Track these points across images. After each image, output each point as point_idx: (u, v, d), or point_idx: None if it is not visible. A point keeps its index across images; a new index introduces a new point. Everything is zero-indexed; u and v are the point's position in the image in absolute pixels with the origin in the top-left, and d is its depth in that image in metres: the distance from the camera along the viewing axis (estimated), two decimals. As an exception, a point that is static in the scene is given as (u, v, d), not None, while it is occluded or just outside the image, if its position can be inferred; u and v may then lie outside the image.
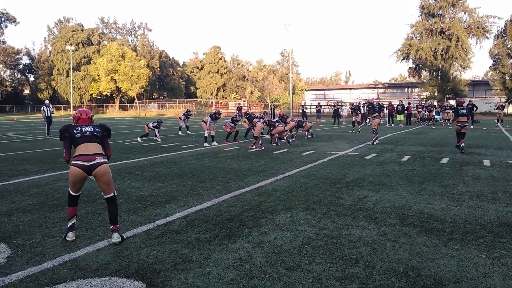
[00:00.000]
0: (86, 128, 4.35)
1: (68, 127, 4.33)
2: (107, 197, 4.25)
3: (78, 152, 4.20)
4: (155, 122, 16.40)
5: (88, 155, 4.16)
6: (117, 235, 4.14)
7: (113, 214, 4.21)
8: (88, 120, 4.51)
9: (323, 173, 8.26)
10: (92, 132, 4.33)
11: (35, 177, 7.91)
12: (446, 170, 8.62)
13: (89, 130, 4.34)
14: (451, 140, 15.96)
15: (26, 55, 77.05)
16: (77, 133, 4.27)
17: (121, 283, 3.21)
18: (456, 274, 3.35)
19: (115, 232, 4.14)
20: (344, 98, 55.05)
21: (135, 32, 78.08)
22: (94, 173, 4.15)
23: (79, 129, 4.32)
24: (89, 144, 4.25)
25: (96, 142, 4.31)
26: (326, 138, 17.15)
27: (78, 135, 4.27)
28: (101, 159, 4.20)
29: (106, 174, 4.18)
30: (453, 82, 45.10)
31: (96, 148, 4.26)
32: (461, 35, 43.85)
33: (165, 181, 7.47)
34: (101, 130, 4.43)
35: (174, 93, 77.32)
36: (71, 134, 4.28)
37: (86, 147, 4.22)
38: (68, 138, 4.28)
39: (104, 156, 4.29)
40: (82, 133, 4.29)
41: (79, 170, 4.11)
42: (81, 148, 4.21)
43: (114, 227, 4.16)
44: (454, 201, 5.83)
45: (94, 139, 4.31)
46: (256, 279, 3.27)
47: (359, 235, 4.34)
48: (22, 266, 3.55)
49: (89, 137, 4.29)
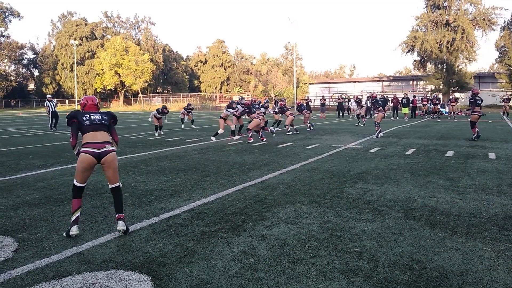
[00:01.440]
0: (95, 116, 4.41)
1: (77, 114, 4.38)
2: (112, 187, 4.33)
3: (87, 140, 4.27)
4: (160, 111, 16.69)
5: (97, 143, 4.24)
6: (122, 223, 4.22)
7: (119, 203, 4.31)
8: (94, 106, 4.56)
9: (327, 166, 8.25)
10: (100, 121, 4.40)
11: (40, 171, 7.96)
12: (451, 163, 8.59)
13: (98, 118, 4.40)
14: (456, 133, 15.88)
15: (30, 50, 77.35)
16: (85, 121, 4.32)
17: (126, 276, 3.23)
18: (461, 267, 3.34)
19: (121, 220, 4.23)
20: (349, 91, 54.83)
21: (138, 26, 78.06)
22: (103, 161, 4.22)
23: (88, 116, 4.37)
24: (97, 133, 4.31)
25: (104, 130, 4.39)
26: (330, 131, 17.12)
27: (87, 122, 4.32)
28: (110, 147, 4.30)
29: (114, 162, 4.28)
30: (458, 74, 44.77)
31: (104, 137, 4.34)
32: (467, 27, 43.44)
33: (170, 175, 7.50)
34: (108, 118, 4.50)
35: (178, 87, 77.34)
36: (80, 121, 4.33)
37: (95, 135, 4.29)
38: (76, 124, 4.34)
39: (112, 144, 4.38)
40: (91, 121, 4.35)
41: (90, 157, 4.18)
42: (89, 136, 4.28)
43: (119, 215, 4.26)
44: (459, 194, 5.81)
45: (102, 127, 4.38)
46: (260, 272, 3.28)
47: (364, 228, 4.34)
48: (28, 260, 3.59)
49: (98, 126, 4.36)
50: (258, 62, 76.72)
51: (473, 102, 12.85)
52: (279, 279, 3.16)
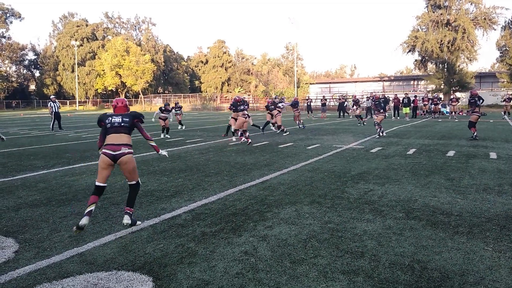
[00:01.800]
0: (116, 119, 4.65)
1: (103, 117, 4.71)
2: (130, 184, 4.65)
3: (106, 142, 4.58)
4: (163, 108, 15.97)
5: (115, 145, 4.49)
6: (128, 217, 4.40)
7: (131, 198, 4.56)
8: (123, 108, 4.82)
9: (328, 166, 8.25)
10: (120, 123, 4.61)
11: (41, 172, 7.97)
12: (452, 163, 8.58)
13: (118, 121, 4.63)
14: (457, 133, 15.86)
15: (31, 51, 77.46)
16: (108, 123, 4.63)
17: (127, 277, 3.24)
18: (462, 267, 3.34)
19: (127, 214, 4.41)
20: (350, 91, 54.78)
21: (139, 27, 78.15)
22: (119, 162, 4.48)
23: (110, 119, 4.66)
24: (117, 135, 4.56)
25: (124, 132, 4.59)
26: (331, 131, 17.11)
27: (109, 125, 4.62)
28: (126, 149, 4.51)
29: (129, 164, 4.51)
30: (459, 74, 44.70)
31: (122, 139, 4.55)
32: (468, 26, 43.38)
33: (171, 175, 7.50)
34: (130, 119, 4.67)
35: (178, 88, 77.36)
36: (105, 123, 4.65)
37: (114, 138, 4.55)
38: (104, 126, 4.67)
39: (129, 146, 4.58)
40: (112, 124, 4.62)
41: (106, 158, 4.47)
42: (109, 138, 4.57)
43: (127, 209, 4.46)
44: (460, 194, 5.81)
45: (122, 130, 4.60)
46: (261, 273, 3.29)
47: (365, 228, 4.34)
48: (30, 260, 3.59)
49: (117, 128, 4.59)
50: (258, 63, 76.73)
51: (473, 103, 13.10)
52: (280, 279, 3.16)
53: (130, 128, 4.66)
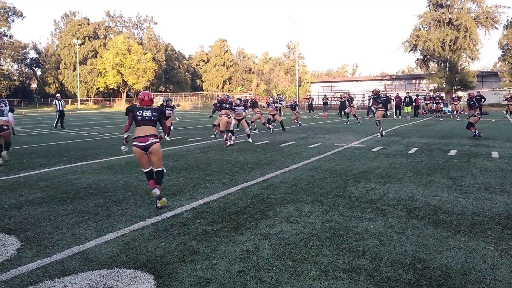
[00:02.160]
0: (147, 113, 5.30)
1: (134, 108, 5.34)
2: (156, 170, 5.32)
3: (136, 134, 5.24)
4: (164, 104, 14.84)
5: (143, 137, 5.19)
6: (158, 190, 5.09)
7: (159, 180, 5.29)
8: (150, 101, 5.46)
9: (329, 165, 8.25)
10: (150, 117, 5.30)
11: (43, 170, 7.98)
12: (454, 162, 8.56)
13: (149, 115, 5.31)
14: (459, 132, 15.83)
15: (33, 49, 77.48)
16: (139, 116, 5.26)
17: (129, 274, 3.25)
18: (464, 266, 3.34)
19: (157, 189, 5.11)
20: (351, 90, 54.69)
21: (140, 26, 78.07)
22: (150, 151, 5.21)
23: (141, 112, 5.29)
24: (146, 127, 5.25)
25: (152, 125, 5.30)
26: (332, 130, 17.10)
27: (139, 118, 5.26)
28: (153, 139, 5.24)
29: (157, 152, 5.27)
30: (461, 73, 44.58)
31: (150, 131, 5.26)
32: (470, 25, 43.26)
33: (172, 174, 7.50)
34: (158, 114, 5.39)
35: (180, 86, 77.36)
36: (134, 115, 5.28)
37: (143, 130, 5.23)
38: (131, 116, 5.31)
39: (156, 136, 5.29)
40: (143, 117, 5.27)
41: (139, 149, 5.22)
42: (139, 130, 5.26)
43: (157, 186, 5.16)
44: (462, 193, 5.80)
45: (150, 123, 5.30)
46: (263, 271, 3.29)
47: (366, 227, 4.34)
48: (32, 258, 3.60)
49: (147, 121, 5.28)
50: (260, 61, 76.73)
51: (472, 105, 13.16)
52: (282, 278, 3.16)
53: (157, 121, 5.35)
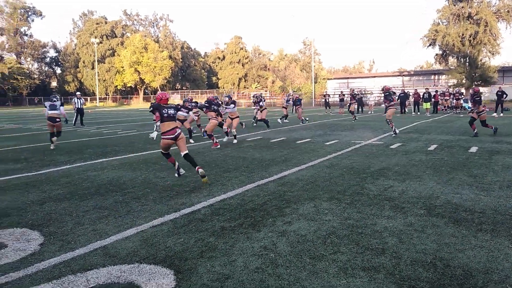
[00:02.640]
0: (171, 111, 6.64)
1: (159, 107, 6.59)
2: (184, 154, 6.56)
3: (164, 129, 6.57)
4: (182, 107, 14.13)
5: (171, 130, 6.57)
6: (202, 170, 6.34)
7: (192, 161, 6.57)
8: (167, 100, 6.77)
9: (347, 162, 8.19)
10: (173, 114, 6.68)
11: (64, 167, 8.15)
12: (475, 159, 8.40)
13: (172, 112, 6.67)
14: (480, 128, 15.50)
15: (52, 48, 79.13)
16: (165, 114, 6.56)
17: (149, 269, 3.29)
18: (486, 265, 3.28)
19: (200, 168, 6.35)
20: (368, 87, 54.11)
21: (157, 24, 78.87)
22: (178, 140, 6.60)
23: (166, 110, 6.59)
24: (171, 122, 6.61)
25: (174, 120, 6.68)
26: (349, 127, 16.96)
27: (166, 115, 6.56)
28: (178, 130, 6.66)
29: (183, 138, 6.69)
30: (481, 68, 43.57)
31: (174, 124, 6.66)
32: (490, 19, 42.20)
33: (190, 171, 7.56)
34: (176, 111, 6.80)
35: (196, 84, 77.81)
36: (161, 112, 6.55)
37: (169, 125, 6.57)
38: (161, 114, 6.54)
39: (179, 128, 6.71)
40: (168, 114, 6.60)
41: (169, 141, 6.64)
42: (165, 125, 6.56)
43: (197, 167, 6.37)
44: (483, 191, 5.69)
45: (173, 118, 6.67)
46: (281, 268, 3.29)
47: (385, 225, 4.30)
48: (54, 253, 3.69)
49: (171, 117, 6.63)
50: (275, 58, 76.43)
51: (478, 101, 12.61)
52: (300, 275, 3.16)
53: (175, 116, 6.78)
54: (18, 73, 66.34)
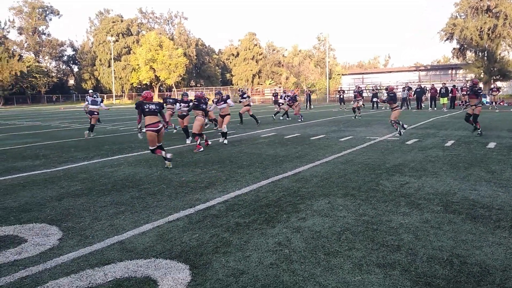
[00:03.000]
0: (152, 106, 7.45)
1: (142, 103, 7.42)
2: (160, 144, 7.61)
3: (147, 122, 7.41)
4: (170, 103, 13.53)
5: (153, 123, 7.41)
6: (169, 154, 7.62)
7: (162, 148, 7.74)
8: (151, 98, 7.69)
9: (362, 159, 8.13)
10: (155, 109, 7.46)
11: (82, 164, 8.29)
12: (493, 155, 8.24)
13: (153, 108, 7.45)
14: (498, 124, 15.20)
15: (69, 47, 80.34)
16: (146, 109, 7.40)
17: (165, 264, 3.34)
18: (504, 263, 3.22)
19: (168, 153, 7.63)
20: (383, 82, 53.45)
21: (172, 21, 79.24)
22: (159, 133, 7.48)
23: (148, 106, 7.43)
24: (153, 117, 7.42)
25: (156, 115, 7.46)
26: (364, 123, 16.81)
27: (147, 110, 7.40)
28: (160, 125, 7.49)
29: (162, 133, 7.61)
30: (500, 62, 42.58)
31: (156, 119, 7.44)
32: (510, 12, 41.14)
33: (204, 167, 7.62)
34: (159, 107, 7.58)
35: (210, 81, 78.06)
36: (143, 108, 7.39)
37: (151, 118, 7.41)
38: (140, 109, 7.41)
39: (160, 122, 7.47)
40: (150, 109, 7.41)
41: (152, 133, 7.43)
42: (148, 119, 7.41)
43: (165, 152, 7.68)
44: (501, 187, 5.58)
45: (155, 113, 7.44)
46: (295, 264, 3.30)
47: (401, 221, 4.26)
48: (73, 248, 3.77)
49: (153, 112, 7.42)
50: (289, 54, 76.15)
51: (478, 94, 11.62)
52: (315, 271, 3.16)
53: (158, 112, 7.50)
54: (36, 72, 67.59)
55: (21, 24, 71.09)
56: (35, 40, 72.20)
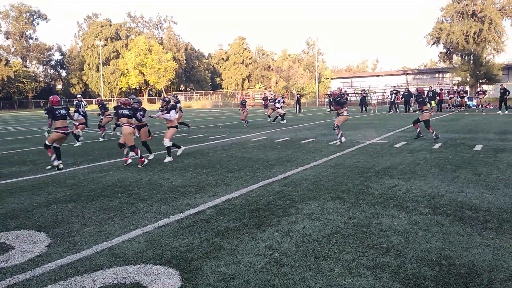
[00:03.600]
0: (62, 111, 8.21)
1: (52, 109, 8.09)
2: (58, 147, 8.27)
3: (57, 125, 8.12)
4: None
5: (64, 127, 8.17)
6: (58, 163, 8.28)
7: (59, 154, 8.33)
8: (58, 102, 8.44)
9: (351, 162, 8.18)
10: (64, 114, 8.24)
11: (70, 169, 8.20)
12: (479, 157, 8.36)
13: (63, 112, 8.20)
14: (484, 126, 15.44)
15: (57, 51, 79.62)
16: (58, 113, 8.10)
17: (155, 270, 3.31)
18: (491, 263, 3.27)
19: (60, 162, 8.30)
20: (372, 86, 53.95)
21: (161, 26, 79.03)
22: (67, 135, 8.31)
23: (59, 111, 8.15)
24: (63, 121, 8.18)
25: (65, 119, 8.23)
26: (353, 126, 16.93)
27: (59, 115, 8.12)
28: (69, 129, 8.30)
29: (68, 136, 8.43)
30: (486, 66, 43.33)
31: (66, 123, 8.25)
32: (494, 17, 41.97)
33: (194, 171, 7.59)
34: (67, 111, 8.35)
35: (200, 85, 77.96)
36: (54, 113, 8.11)
37: (62, 122, 8.15)
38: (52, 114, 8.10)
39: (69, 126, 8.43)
40: (61, 114, 8.19)
41: (62, 135, 8.19)
42: (58, 123, 8.12)
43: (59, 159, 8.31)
44: (488, 189, 5.66)
45: (65, 117, 8.22)
46: (286, 267, 3.30)
47: (390, 224, 4.30)
48: (61, 254, 3.72)
49: (63, 116, 8.22)
50: (279, 58, 76.28)
51: (421, 102, 12.00)
52: (305, 274, 3.17)
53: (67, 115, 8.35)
54: (23, 76, 66.81)
55: (8, 28, 70.31)
56: (22, 45, 71.42)
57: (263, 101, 25.45)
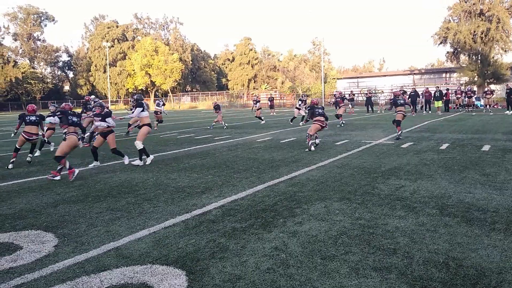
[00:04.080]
0: (32, 117, 8.98)
1: (24, 115, 9.02)
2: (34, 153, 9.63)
3: (26, 130, 8.99)
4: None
5: (31, 133, 8.96)
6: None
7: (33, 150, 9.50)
8: (33, 110, 9.20)
9: (357, 162, 8.15)
10: (35, 120, 9.02)
11: (78, 170, 8.23)
12: (487, 158, 8.29)
13: (33, 119, 8.98)
14: (492, 126, 15.31)
15: (65, 53, 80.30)
16: (27, 119, 8.94)
17: (162, 270, 3.33)
18: (499, 265, 3.24)
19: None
20: (378, 86, 53.72)
21: (167, 27, 79.34)
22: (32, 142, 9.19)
23: (29, 117, 8.98)
24: (33, 127, 9.00)
25: (36, 125, 9.12)
26: (359, 127, 16.87)
27: (28, 120, 8.95)
28: (36, 136, 9.14)
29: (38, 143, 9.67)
30: (494, 66, 42.94)
31: (35, 130, 9.11)
32: (502, 16, 41.59)
33: (201, 172, 7.61)
34: (39, 119, 9.15)
35: (206, 86, 78.15)
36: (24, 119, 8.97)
37: (31, 128, 8.97)
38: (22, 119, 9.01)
39: (38, 135, 9.27)
40: (30, 120, 8.97)
41: (25, 139, 8.96)
42: (27, 127, 8.96)
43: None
44: (496, 190, 5.62)
45: (35, 124, 9.03)
46: (292, 268, 3.30)
47: (397, 225, 4.28)
48: (69, 254, 3.75)
49: (33, 123, 9.02)
50: (285, 59, 76.26)
51: (395, 103, 12.45)
52: (311, 275, 3.17)
53: (39, 123, 9.12)
54: (31, 78, 67.45)
55: (16, 30, 71.01)
56: (30, 46, 72.07)
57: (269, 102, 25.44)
